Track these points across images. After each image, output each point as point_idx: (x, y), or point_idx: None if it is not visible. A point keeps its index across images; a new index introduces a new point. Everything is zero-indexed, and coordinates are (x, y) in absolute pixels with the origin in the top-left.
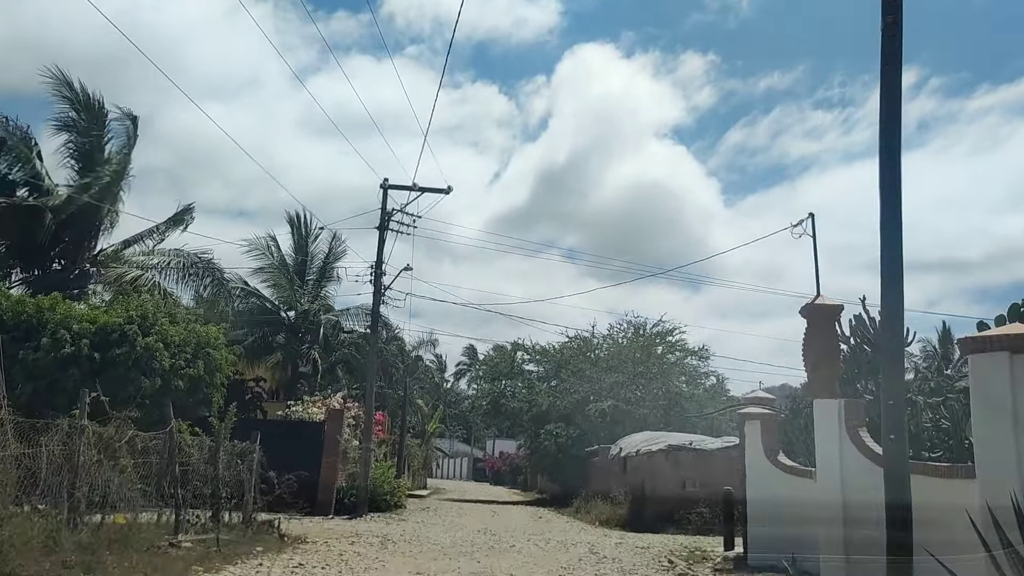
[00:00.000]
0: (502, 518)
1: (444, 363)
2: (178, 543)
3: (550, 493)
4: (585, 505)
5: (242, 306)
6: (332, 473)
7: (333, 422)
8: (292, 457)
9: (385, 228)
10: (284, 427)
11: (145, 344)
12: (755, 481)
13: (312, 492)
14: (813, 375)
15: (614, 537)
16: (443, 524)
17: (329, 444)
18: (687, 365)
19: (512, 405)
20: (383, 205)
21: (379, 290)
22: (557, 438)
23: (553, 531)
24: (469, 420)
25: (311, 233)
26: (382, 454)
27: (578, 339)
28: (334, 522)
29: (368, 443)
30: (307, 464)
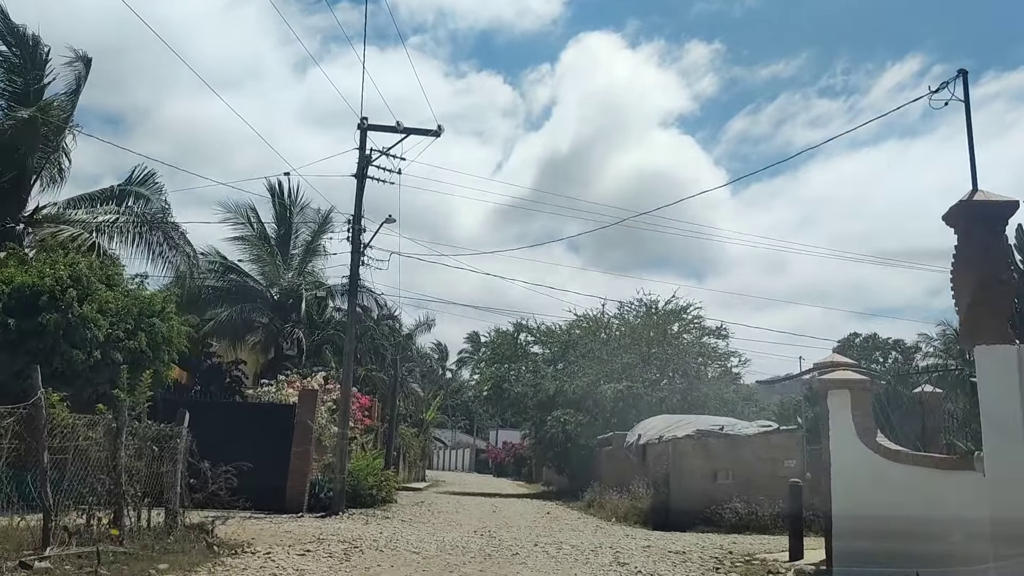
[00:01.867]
0: (504, 514)
1: (445, 351)
2: (30, 563)
3: (557, 485)
4: (598, 498)
5: (221, 283)
6: (304, 464)
7: (305, 404)
8: (255, 445)
9: (364, 175)
10: (245, 411)
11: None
12: (845, 472)
13: (279, 486)
14: (971, 312)
15: (638, 538)
16: (434, 523)
17: (300, 430)
18: (705, 345)
19: (516, 390)
20: (361, 147)
21: (357, 248)
22: (565, 425)
23: (564, 530)
24: (471, 410)
25: (296, 203)
26: (368, 442)
27: (587, 319)
28: (301, 522)
29: (345, 429)
30: (274, 453)
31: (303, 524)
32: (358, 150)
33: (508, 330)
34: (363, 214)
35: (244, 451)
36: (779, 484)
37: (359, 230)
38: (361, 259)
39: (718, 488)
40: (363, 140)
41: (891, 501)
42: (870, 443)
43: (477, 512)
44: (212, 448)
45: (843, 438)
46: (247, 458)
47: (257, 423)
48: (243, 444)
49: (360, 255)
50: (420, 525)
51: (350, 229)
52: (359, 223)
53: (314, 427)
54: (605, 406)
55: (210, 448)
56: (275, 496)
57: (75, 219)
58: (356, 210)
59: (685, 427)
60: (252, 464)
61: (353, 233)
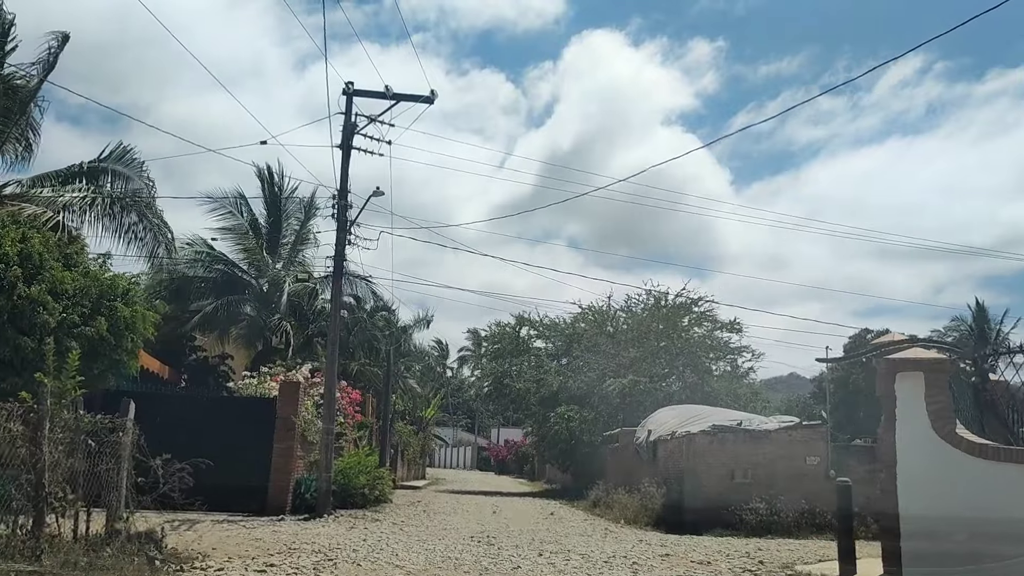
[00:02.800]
0: (505, 515)
1: (446, 349)
2: None
3: (561, 483)
4: (605, 498)
5: (208, 274)
6: (286, 461)
7: (286, 398)
8: (232, 442)
9: (350, 145)
10: (221, 405)
11: (29, 294)
12: (915, 468)
13: (260, 486)
14: None
15: (653, 543)
16: (427, 526)
17: (282, 425)
18: (717, 339)
19: (517, 386)
20: (347, 114)
21: (344, 225)
22: (569, 422)
23: (570, 535)
24: (473, 408)
25: (285, 189)
26: (362, 439)
27: (592, 311)
28: (279, 527)
29: (330, 423)
30: (254, 451)
31: (279, 529)
32: (343, 115)
33: (509, 323)
34: (349, 189)
35: (220, 448)
36: (802, 483)
37: (345, 206)
38: (347, 237)
39: (736, 487)
40: (348, 106)
41: (975, 501)
42: (948, 435)
43: (476, 513)
44: (182, 445)
45: (914, 429)
46: (224, 456)
47: (235, 418)
48: (219, 441)
49: (346, 233)
50: (411, 529)
51: (334, 205)
52: (344, 198)
53: (297, 422)
54: (611, 402)
55: (180, 446)
56: (255, 497)
57: (40, 197)
58: (341, 184)
59: (700, 422)
60: (228, 462)
61: (338, 209)
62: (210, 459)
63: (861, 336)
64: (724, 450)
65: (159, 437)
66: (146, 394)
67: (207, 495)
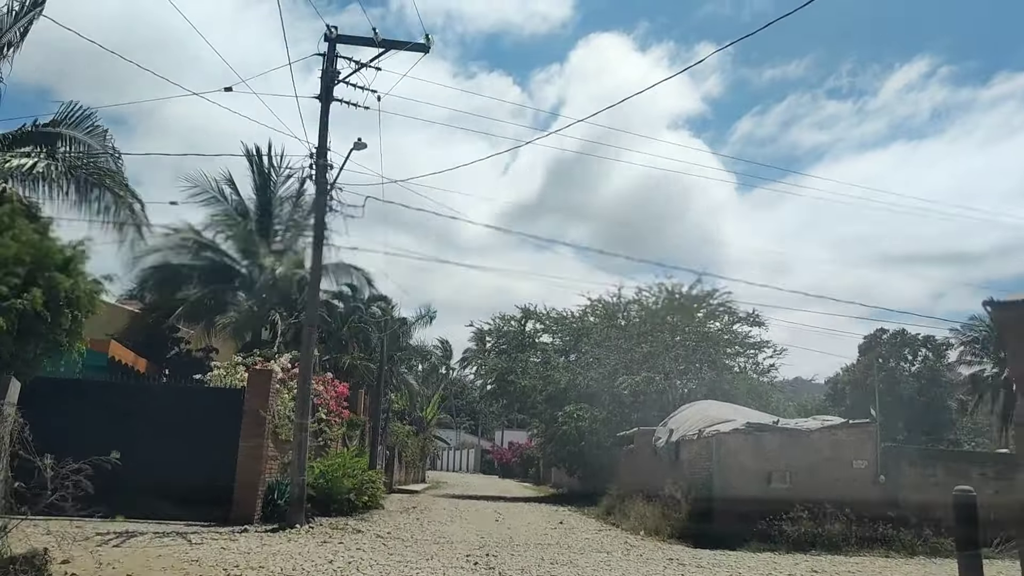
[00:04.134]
0: (509, 524)
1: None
2: None
3: (568, 488)
4: (620, 506)
5: (195, 261)
6: (255, 462)
7: (256, 388)
8: (192, 439)
9: (330, 95)
10: (178, 396)
11: None
12: None
13: (224, 491)
14: None
15: (686, 563)
16: (418, 538)
17: (251, 420)
18: (736, 333)
19: (523, 383)
20: (329, 60)
21: (323, 188)
22: (578, 421)
23: (586, 551)
24: (477, 410)
25: (278, 170)
26: (352, 438)
27: (602, 304)
28: (236, 542)
29: (304, 418)
30: (217, 449)
31: (232, 545)
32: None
33: (514, 316)
34: (329, 147)
35: (177, 447)
36: (848, 489)
37: (324, 165)
38: (328, 202)
39: (774, 494)
40: (331, 52)
41: None
42: None
43: (476, 521)
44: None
45: None
46: (183, 455)
47: (197, 412)
48: (177, 438)
49: (327, 197)
50: (397, 544)
51: (313, 164)
52: (324, 156)
53: (268, 416)
54: (623, 400)
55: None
56: (218, 502)
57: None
58: (321, 140)
59: (731, 421)
60: (188, 462)
61: (317, 169)
62: (166, 458)
63: (876, 336)
64: (760, 451)
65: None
66: (88, 383)
67: (161, 501)
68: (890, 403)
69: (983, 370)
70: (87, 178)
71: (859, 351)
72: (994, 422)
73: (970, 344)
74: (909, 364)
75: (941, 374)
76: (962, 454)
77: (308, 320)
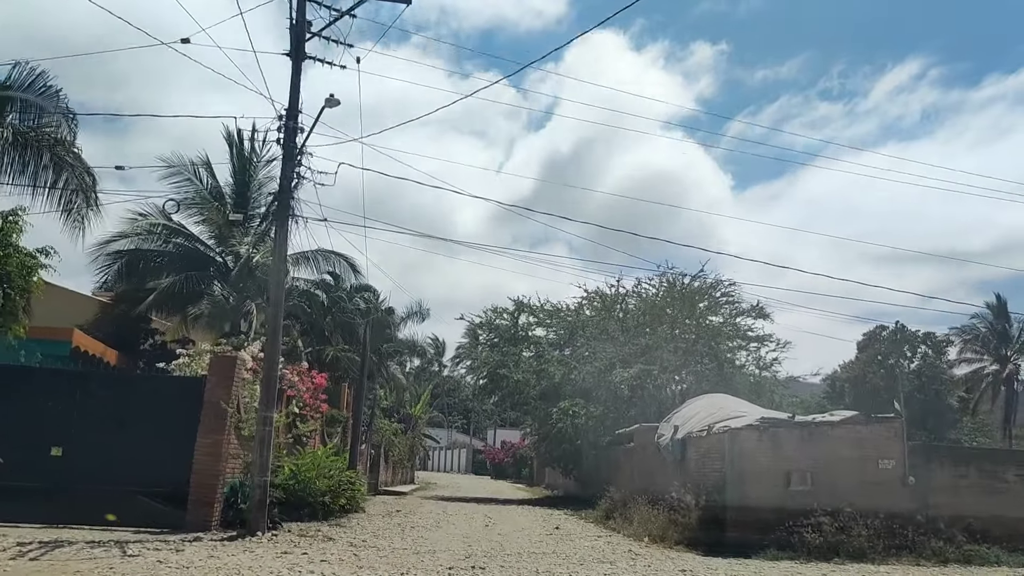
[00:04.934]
0: (500, 529)
1: (442, 347)
2: None
3: (563, 490)
4: (621, 509)
5: (166, 247)
6: (215, 460)
7: (219, 377)
8: (145, 435)
9: (302, 52)
10: (131, 387)
11: None
12: None
13: (179, 493)
14: None
15: (699, 572)
16: (397, 548)
17: (210, 413)
18: (739, 327)
19: (515, 377)
20: (297, 13)
21: (292, 153)
22: (574, 418)
23: (587, 560)
24: (469, 408)
25: (259, 154)
26: (330, 434)
27: (599, 296)
28: (181, 554)
29: (268, 410)
30: (171, 446)
31: (173, 559)
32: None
33: (507, 308)
34: (300, 108)
35: (126, 441)
36: (873, 491)
37: (294, 128)
38: (297, 168)
39: (793, 496)
40: (301, 3)
41: None
42: None
43: (464, 526)
44: (71, 437)
45: None
46: (134, 450)
47: (150, 403)
48: (126, 431)
49: (294, 163)
50: (371, 555)
51: (281, 128)
52: (295, 119)
53: (231, 409)
54: (620, 396)
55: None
56: (174, 506)
57: None
58: (291, 100)
59: (742, 416)
60: (138, 461)
61: (286, 131)
62: (116, 456)
63: (876, 333)
64: (777, 450)
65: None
66: (11, 368)
67: (109, 504)
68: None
69: (983, 367)
70: (36, 145)
71: (858, 348)
72: (995, 420)
73: (971, 341)
74: (908, 361)
75: (941, 371)
76: (998, 453)
77: (273, 300)
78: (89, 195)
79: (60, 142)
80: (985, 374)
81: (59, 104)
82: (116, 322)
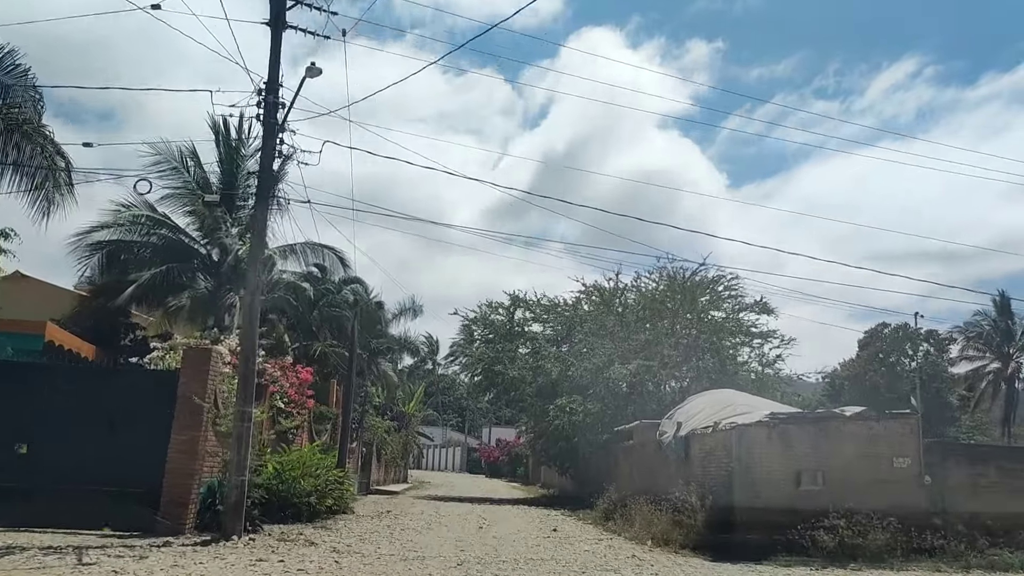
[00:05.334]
0: (495, 532)
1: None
2: None
3: (560, 489)
4: (622, 510)
5: (149, 239)
6: (190, 459)
7: (194, 370)
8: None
9: (281, 20)
10: (101, 380)
11: None
12: None
13: (152, 494)
14: None
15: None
16: (383, 554)
17: (185, 409)
18: (741, 322)
19: (511, 373)
20: None
21: (272, 130)
22: (571, 415)
23: (589, 566)
24: (464, 406)
25: (246, 143)
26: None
27: (596, 289)
28: (146, 561)
29: (246, 405)
30: (142, 444)
31: (132, 568)
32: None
33: (502, 303)
34: (281, 82)
35: (96, 439)
36: (887, 491)
37: (275, 103)
38: (279, 147)
39: (804, 496)
40: None
41: None
42: None
43: (458, 528)
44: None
45: None
46: (105, 449)
47: (120, 398)
48: (96, 428)
49: (275, 140)
50: (354, 562)
51: (260, 103)
52: (275, 93)
53: (206, 404)
54: (618, 392)
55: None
56: (146, 506)
57: None
58: (271, 73)
59: (749, 411)
60: (107, 459)
61: (266, 106)
62: (86, 454)
63: (878, 330)
64: (787, 447)
65: None
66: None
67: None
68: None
69: (985, 365)
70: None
71: (859, 346)
72: (992, 418)
73: (974, 339)
74: (909, 360)
75: (943, 369)
76: (1018, 451)
77: (251, 285)
78: (58, 176)
79: (28, 121)
80: (986, 372)
81: (24, 79)
82: (95, 316)
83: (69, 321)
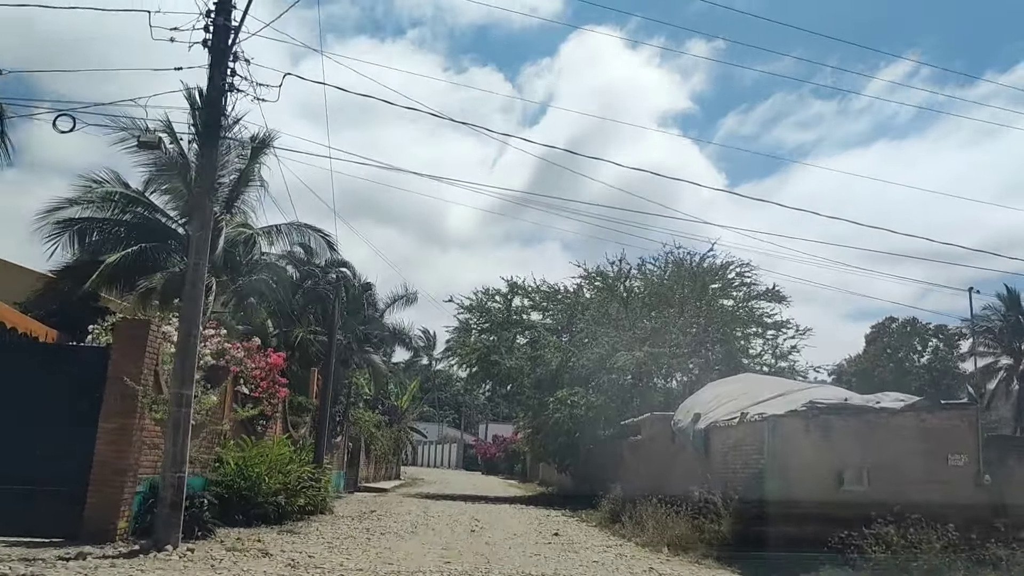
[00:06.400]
0: (489, 536)
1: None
2: None
3: (559, 486)
4: (630, 511)
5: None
6: (121, 453)
7: (126, 347)
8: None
9: None
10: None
11: None
12: None
13: (76, 494)
14: None
15: None
16: (347, 570)
17: (115, 393)
18: (753, 311)
19: (508, 363)
20: None
21: (220, 56)
22: (572, 408)
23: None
24: (460, 402)
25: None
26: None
27: (599, 275)
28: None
29: (186, 388)
30: (62, 435)
31: None
32: None
33: (499, 290)
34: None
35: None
36: (942, 492)
37: (226, 26)
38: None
39: (847, 498)
40: None
41: None
42: None
43: (447, 532)
44: None
45: None
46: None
47: (40, 380)
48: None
49: (224, 68)
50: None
51: (208, 27)
52: (227, 14)
53: (141, 387)
54: (622, 383)
55: None
56: (70, 508)
57: None
58: None
59: (777, 396)
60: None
61: (214, 30)
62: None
63: (886, 325)
64: (828, 441)
65: None
66: None
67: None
68: None
69: (996, 361)
70: None
71: (866, 341)
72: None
73: (984, 335)
74: (918, 355)
75: (953, 365)
76: None
77: (196, 244)
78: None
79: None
80: (998, 368)
81: None
82: (61, 299)
83: (32, 304)
